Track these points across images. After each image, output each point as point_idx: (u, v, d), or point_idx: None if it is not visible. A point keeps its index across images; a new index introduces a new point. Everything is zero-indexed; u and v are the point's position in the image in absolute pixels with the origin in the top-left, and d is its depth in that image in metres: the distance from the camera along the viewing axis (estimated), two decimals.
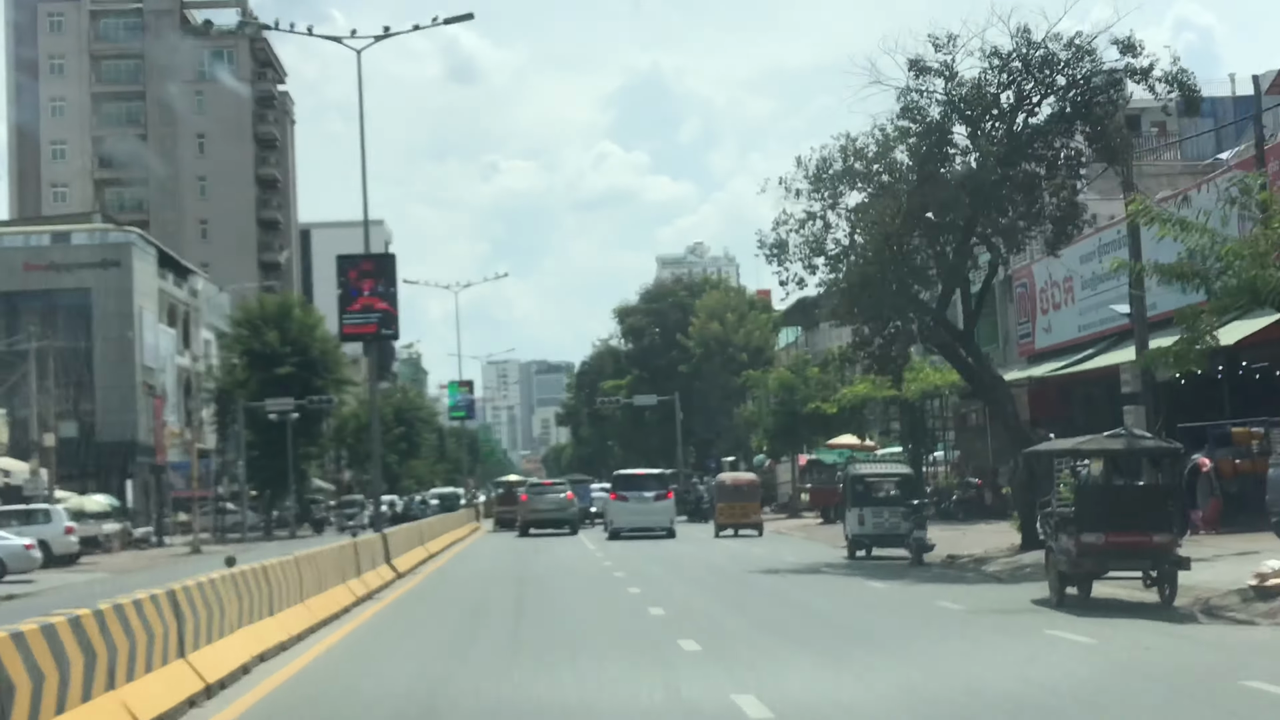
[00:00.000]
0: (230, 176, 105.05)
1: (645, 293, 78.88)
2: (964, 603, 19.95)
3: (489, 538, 50.72)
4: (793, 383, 53.91)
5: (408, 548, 31.45)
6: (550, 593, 23.95)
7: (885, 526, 29.79)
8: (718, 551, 36.20)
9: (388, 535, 28.80)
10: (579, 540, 44.62)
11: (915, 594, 22.11)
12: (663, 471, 46.49)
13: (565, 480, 51.78)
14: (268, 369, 72.60)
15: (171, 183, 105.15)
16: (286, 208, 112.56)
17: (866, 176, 28.59)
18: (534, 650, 15.61)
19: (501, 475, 70.22)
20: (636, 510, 43.50)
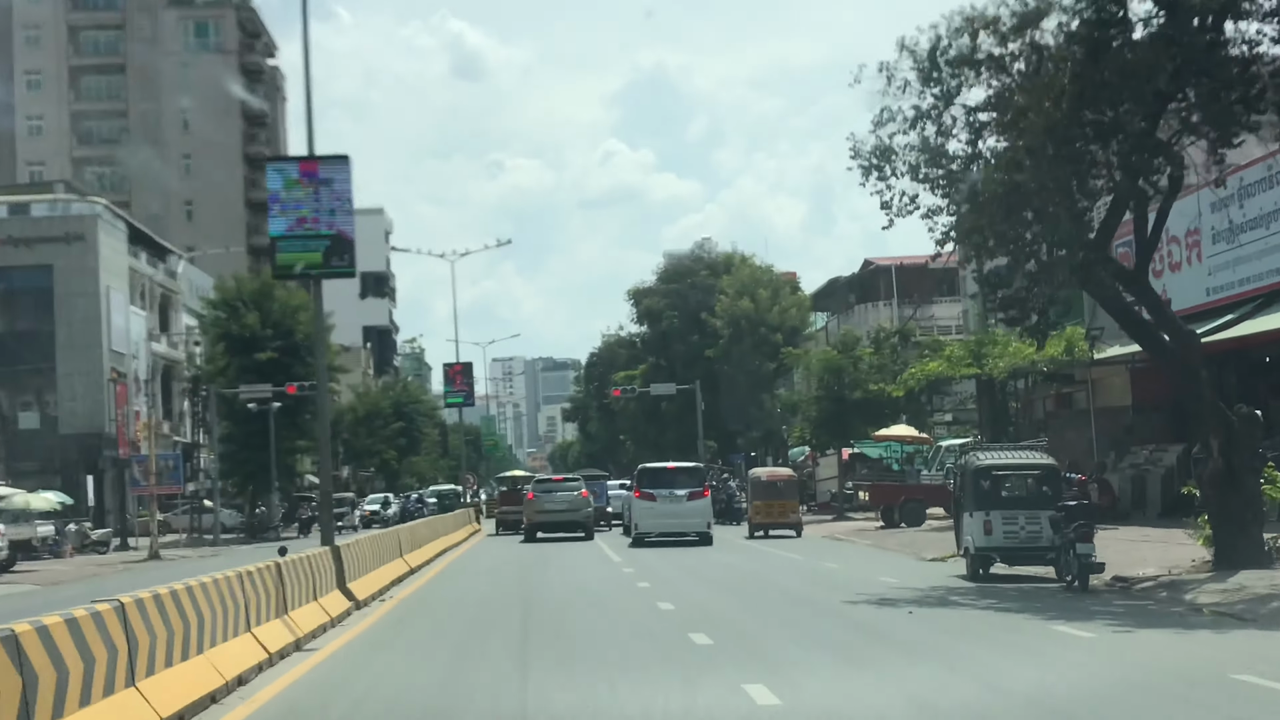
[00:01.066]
0: (217, 155, 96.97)
1: (663, 272, 70.43)
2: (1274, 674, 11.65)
3: (489, 543, 42.43)
4: (840, 364, 45.66)
5: (377, 563, 23.21)
6: (571, 640, 15.65)
7: (1022, 536, 21.51)
8: (777, 565, 27.89)
9: (345, 549, 20.49)
10: (596, 547, 36.42)
11: (1166, 655, 13.72)
12: (697, 465, 38.12)
13: (578, 476, 43.46)
14: (247, 354, 64.40)
15: (154, 161, 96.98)
16: None
17: (998, 64, 20.28)
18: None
19: (506, 472, 62.04)
20: (666, 512, 35.29)
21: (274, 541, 60.21)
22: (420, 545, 30.97)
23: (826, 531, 41.06)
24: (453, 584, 25.07)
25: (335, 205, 23.30)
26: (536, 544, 39.01)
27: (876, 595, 19.81)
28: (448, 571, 28.58)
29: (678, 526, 35.57)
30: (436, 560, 32.34)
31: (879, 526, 39.32)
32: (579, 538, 40.16)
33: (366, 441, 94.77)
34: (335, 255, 24.30)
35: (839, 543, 36.24)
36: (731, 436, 66.22)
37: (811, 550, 32.72)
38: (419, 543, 30.95)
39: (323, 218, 22.43)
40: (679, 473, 36.39)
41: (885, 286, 66.77)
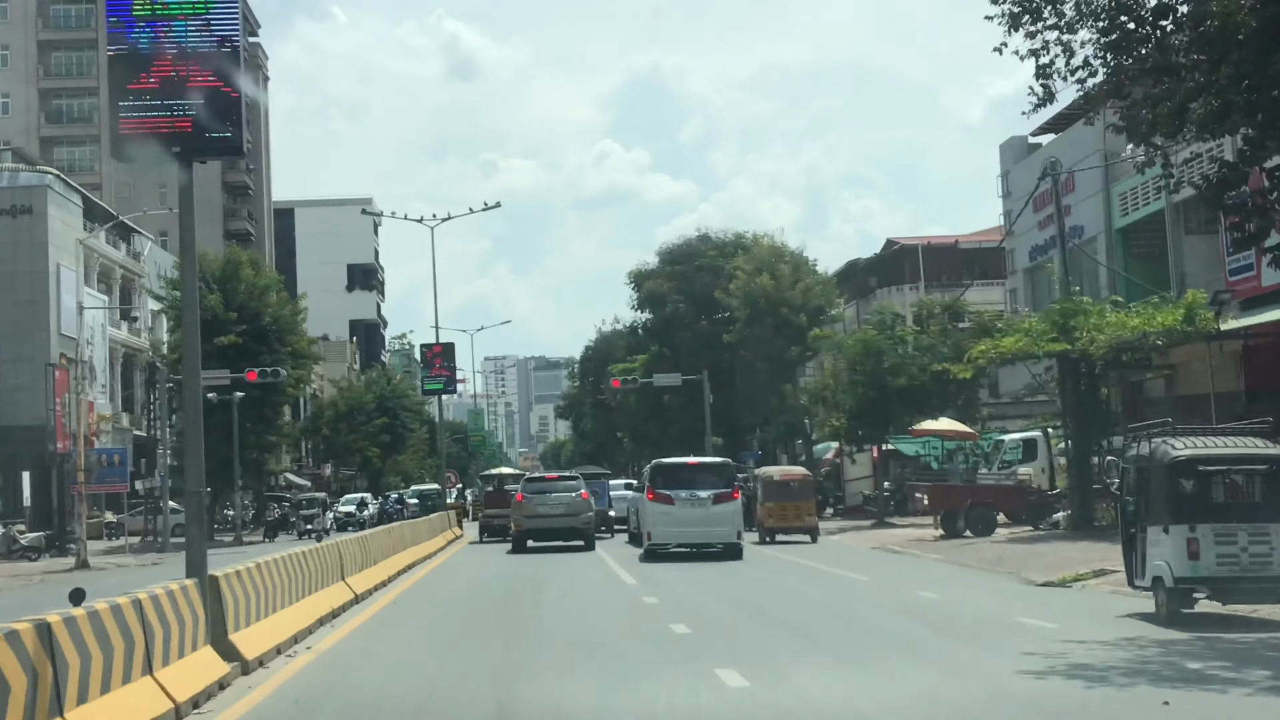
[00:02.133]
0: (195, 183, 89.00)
1: (667, 252, 62.74)
2: None
3: (470, 553, 34.90)
4: (880, 345, 38.23)
5: (295, 594, 15.72)
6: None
7: (1244, 561, 14.13)
8: (853, 593, 20.33)
9: (231, 579, 12.98)
10: (600, 561, 29.00)
11: None
12: (725, 461, 30.40)
13: (577, 474, 35.85)
14: (208, 339, 56.73)
15: (128, 187, 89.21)
16: (258, 172, 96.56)
17: None
18: None
19: (492, 469, 54.03)
20: (688, 518, 27.83)
21: (235, 546, 52.74)
22: (378, 560, 23.47)
23: (872, 541, 33.57)
24: (404, 624, 17.49)
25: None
26: (527, 555, 31.56)
27: (1053, 656, 12.28)
28: (407, 598, 21.02)
29: (701, 536, 28.13)
30: (400, 578, 24.84)
31: (938, 536, 31.85)
32: (578, 547, 32.76)
33: (348, 438, 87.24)
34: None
35: (897, 556, 28.75)
36: (742, 432, 58.70)
37: (874, 567, 25.23)
38: (376, 556, 23.44)
39: None
40: (703, 470, 28.91)
41: (911, 269, 59.32)
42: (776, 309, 46.85)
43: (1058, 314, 29.71)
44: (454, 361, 51.85)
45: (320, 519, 57.63)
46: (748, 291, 47.41)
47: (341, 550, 19.73)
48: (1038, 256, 43.76)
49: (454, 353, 52.74)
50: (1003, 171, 47.05)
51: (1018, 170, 45.95)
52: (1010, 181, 46.41)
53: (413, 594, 22.01)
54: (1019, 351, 29.67)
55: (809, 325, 47.34)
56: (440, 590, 22.89)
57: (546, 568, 26.58)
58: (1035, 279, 45.05)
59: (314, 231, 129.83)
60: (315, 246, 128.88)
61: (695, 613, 17.11)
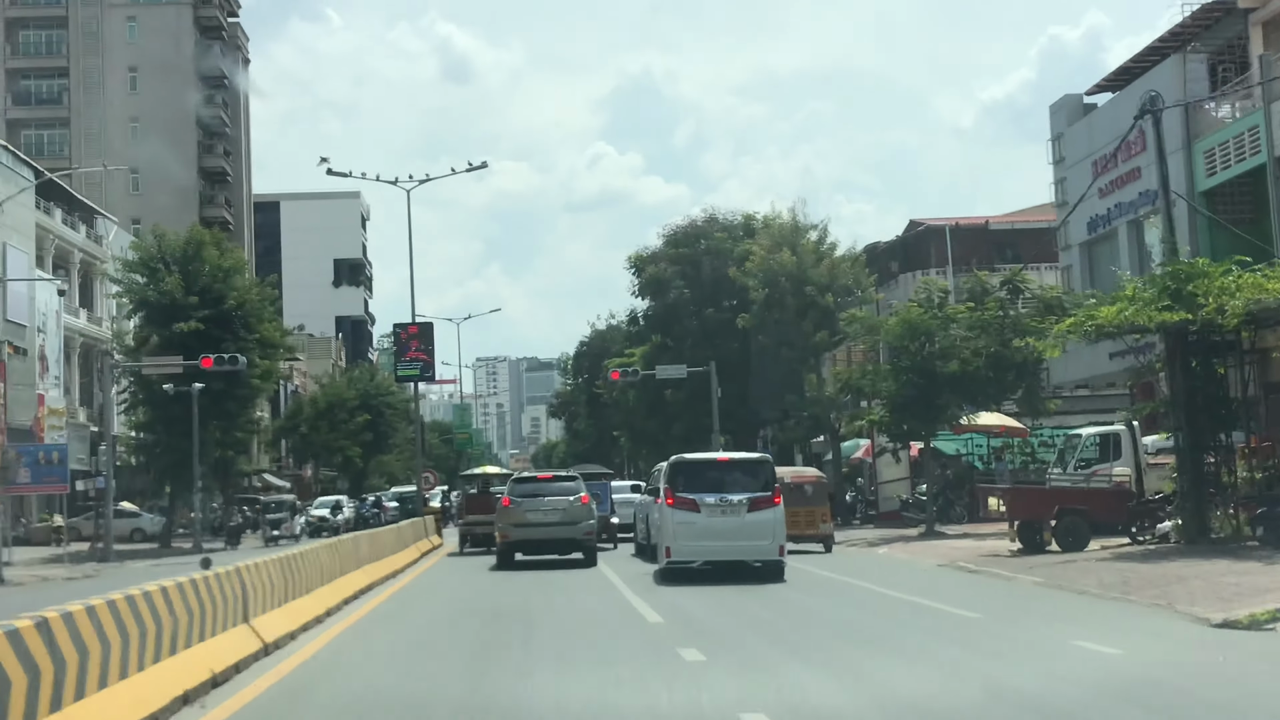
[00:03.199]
0: (167, 118, 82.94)
1: (671, 235, 56.35)
2: None
3: (445, 570, 28.51)
4: (927, 325, 31.95)
5: (136, 659, 9.35)
6: None
7: None
8: (975, 642, 13.93)
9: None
10: (605, 583, 22.77)
11: None
12: (764, 458, 23.76)
13: (575, 474, 29.33)
14: (166, 325, 50.49)
15: (98, 124, 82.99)
16: (237, 157, 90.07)
17: None
18: None
19: (475, 468, 47.20)
20: (717, 528, 21.51)
21: (185, 555, 46.33)
22: (313, 587, 17.16)
23: (929, 554, 27.25)
24: (319, 702, 11.08)
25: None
26: (515, 573, 25.27)
27: None
28: (338, 647, 14.59)
29: (733, 552, 21.84)
30: (345, 609, 18.50)
31: (1016, 550, 25.51)
32: (576, 562, 26.50)
33: (328, 436, 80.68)
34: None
35: (978, 577, 22.43)
36: (754, 429, 52.35)
37: (966, 596, 18.88)
38: (311, 582, 17.12)
39: None
40: (735, 469, 22.55)
41: (937, 251, 53.08)
42: (799, 288, 40.42)
43: (1169, 278, 23.44)
44: (432, 344, 45.14)
45: (289, 523, 51.43)
46: (766, 269, 40.96)
47: (247, 579, 13.37)
48: (1099, 228, 37.54)
49: (432, 334, 46.01)
50: (1053, 135, 40.84)
51: (1073, 133, 39.75)
52: (1063, 146, 40.18)
53: (358, 633, 15.65)
54: (1121, 323, 23.35)
55: (836, 307, 40.91)
56: (400, 626, 16.55)
57: (537, 594, 20.27)
58: (1094, 255, 38.83)
59: (300, 225, 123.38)
60: (301, 241, 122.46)
61: (766, 678, 10.83)
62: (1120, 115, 36.45)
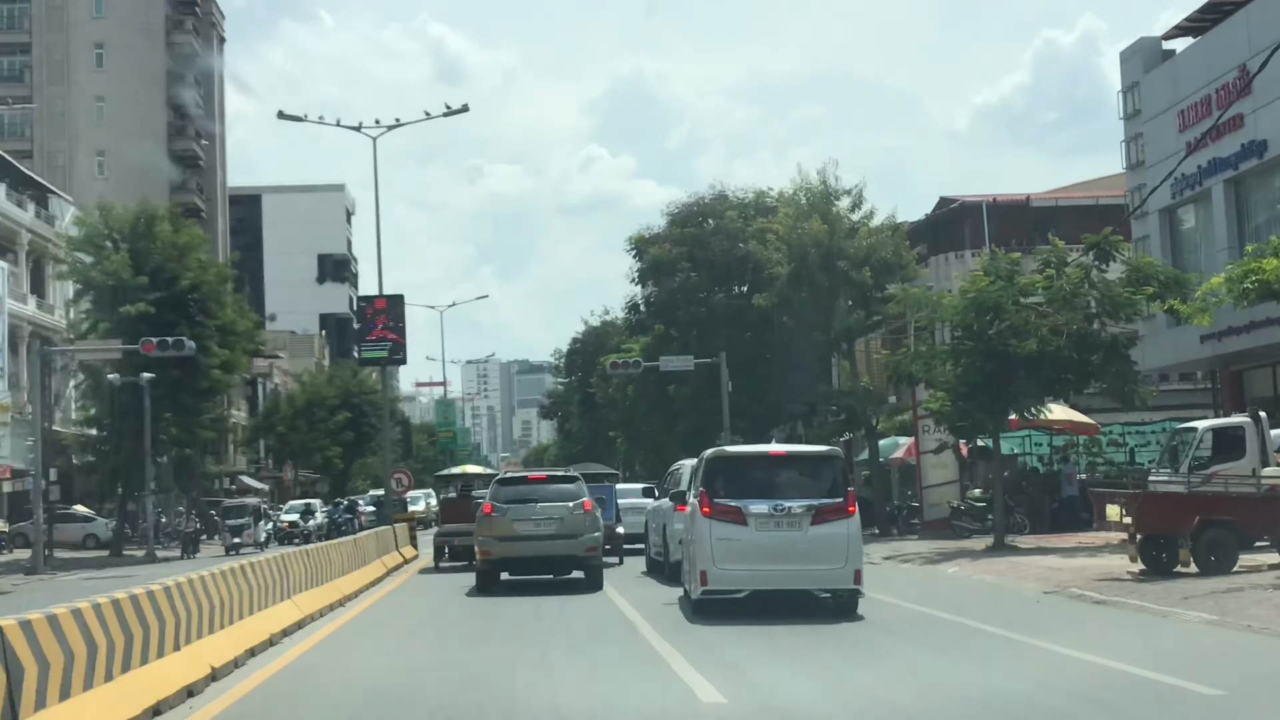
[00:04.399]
0: (136, 98, 76.86)
1: (675, 214, 50.23)
2: None
3: (410, 595, 22.41)
4: (997, 299, 26.01)
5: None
6: None
7: None
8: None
9: None
10: (617, 615, 16.98)
11: None
12: (832, 452, 17.34)
13: (575, 474, 23.07)
14: (112, 308, 44.48)
15: (61, 102, 76.89)
16: (211, 143, 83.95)
17: None
18: None
19: (453, 468, 40.38)
20: (771, 546, 15.57)
21: (136, 565, 40.36)
22: (225, 623, 11.28)
23: (1017, 575, 21.32)
24: None
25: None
26: (496, 601, 19.31)
27: None
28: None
29: (793, 579, 15.88)
30: (250, 665, 12.54)
31: (1138, 572, 19.56)
32: (576, 584, 20.60)
33: (306, 436, 74.57)
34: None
35: (1117, 611, 16.48)
36: (766, 427, 46.37)
37: (1155, 649, 12.91)
38: (212, 620, 11.22)
39: None
40: (794, 465, 16.54)
41: (972, 231, 47.20)
42: (831, 263, 34.45)
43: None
44: (403, 321, 38.52)
45: (253, 529, 45.38)
46: (793, 241, 34.97)
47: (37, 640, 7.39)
48: (1186, 190, 31.63)
49: (403, 309, 39.12)
50: (1126, 86, 35.00)
51: (1150, 82, 33.88)
52: (1139, 97, 34.31)
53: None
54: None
55: (875, 285, 34.91)
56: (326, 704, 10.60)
57: (526, 645, 14.25)
58: (1178, 222, 32.98)
59: (282, 219, 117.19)
60: (283, 235, 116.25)
61: None
62: (1213, 58, 30.67)
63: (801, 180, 36.76)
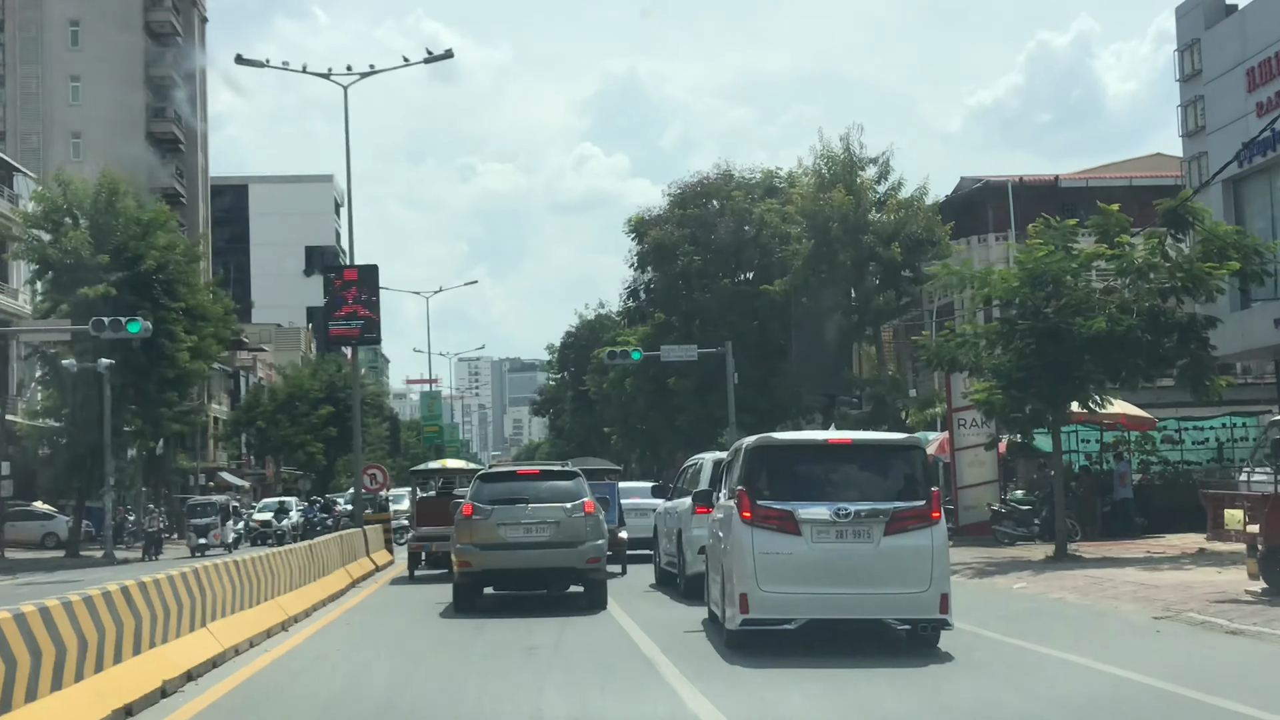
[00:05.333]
0: (112, 76, 72.88)
1: (679, 194, 46.36)
2: None
3: (373, 612, 18.56)
4: (1057, 271, 22.27)
5: None
6: None
7: None
8: None
9: None
10: (628, 649, 13.29)
11: None
12: (909, 440, 13.33)
13: (575, 470, 19.31)
14: (70, 289, 40.68)
15: (34, 81, 72.97)
16: (191, 124, 79.98)
17: None
18: None
19: (430, 462, 35.86)
20: (834, 563, 11.89)
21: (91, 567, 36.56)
22: (96, 667, 7.45)
23: (1109, 595, 17.63)
24: None
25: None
26: (475, 625, 15.54)
27: None
28: None
29: (861, 605, 12.11)
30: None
31: (1259, 591, 15.84)
32: (572, 602, 16.89)
33: (288, 430, 70.66)
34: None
35: (1258, 644, 12.77)
36: (773, 421, 42.62)
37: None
38: (39, 680, 7.39)
39: None
40: (861, 458, 12.66)
41: (996, 214, 43.49)
42: (856, 238, 30.66)
43: None
44: (377, 295, 34.23)
45: (220, 529, 41.58)
46: (814, 214, 31.13)
47: None
48: (1257, 156, 27.92)
49: (377, 281, 34.78)
50: (1183, 44, 31.28)
51: (1213, 38, 30.17)
52: (1199, 55, 30.59)
53: None
54: None
55: (904, 263, 31.09)
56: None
57: (513, 693, 10.47)
58: (1244, 194, 29.29)
59: (269, 210, 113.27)
60: (270, 227, 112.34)
61: None
62: None
63: (823, 147, 32.89)
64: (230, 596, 13.52)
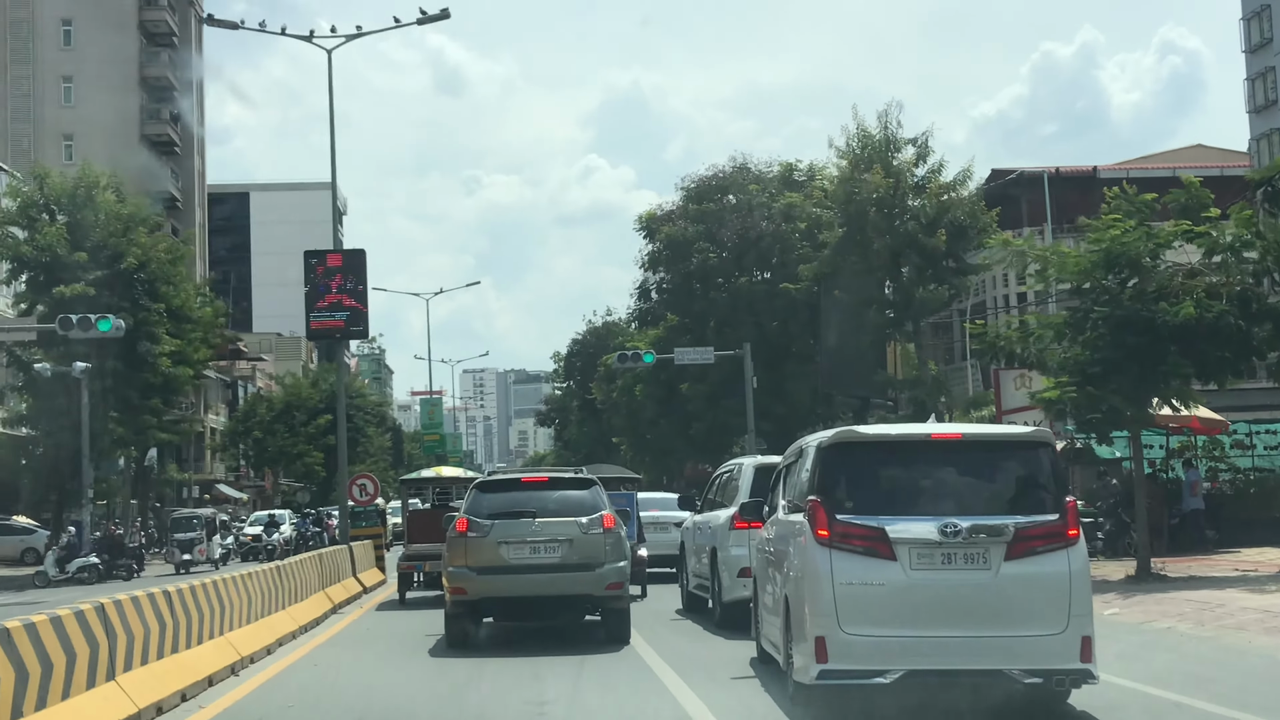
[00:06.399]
0: (106, 77, 70.01)
1: (692, 188, 43.31)
2: None
3: (355, 643, 15.56)
4: (1133, 250, 19.29)
5: None
6: None
7: None
8: None
9: None
10: (661, 693, 10.21)
11: None
12: (1038, 435, 9.97)
13: (591, 477, 16.41)
14: (45, 289, 37.79)
15: (25, 83, 70.09)
16: (188, 127, 77.11)
17: None
18: None
19: (423, 470, 32.07)
20: (937, 594, 8.96)
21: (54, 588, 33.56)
22: None
23: (1209, 621, 14.60)
24: None
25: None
26: (476, 666, 12.48)
27: None
28: None
29: (977, 653, 9.02)
30: None
31: None
32: (591, 634, 13.87)
33: (285, 440, 67.61)
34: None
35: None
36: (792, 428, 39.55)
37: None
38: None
39: None
40: (968, 458, 9.54)
41: (1031, 206, 40.52)
42: (892, 224, 27.64)
43: None
44: (364, 283, 30.79)
45: (207, 544, 38.55)
46: (847, 198, 28.10)
47: None
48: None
49: (364, 270, 31.15)
50: (1248, 13, 28.22)
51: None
52: (1270, 22, 27.57)
53: None
54: None
55: (948, 252, 28.00)
56: None
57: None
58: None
59: (270, 219, 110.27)
60: (272, 235, 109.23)
61: None
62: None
63: (857, 127, 29.76)
64: (157, 637, 10.50)
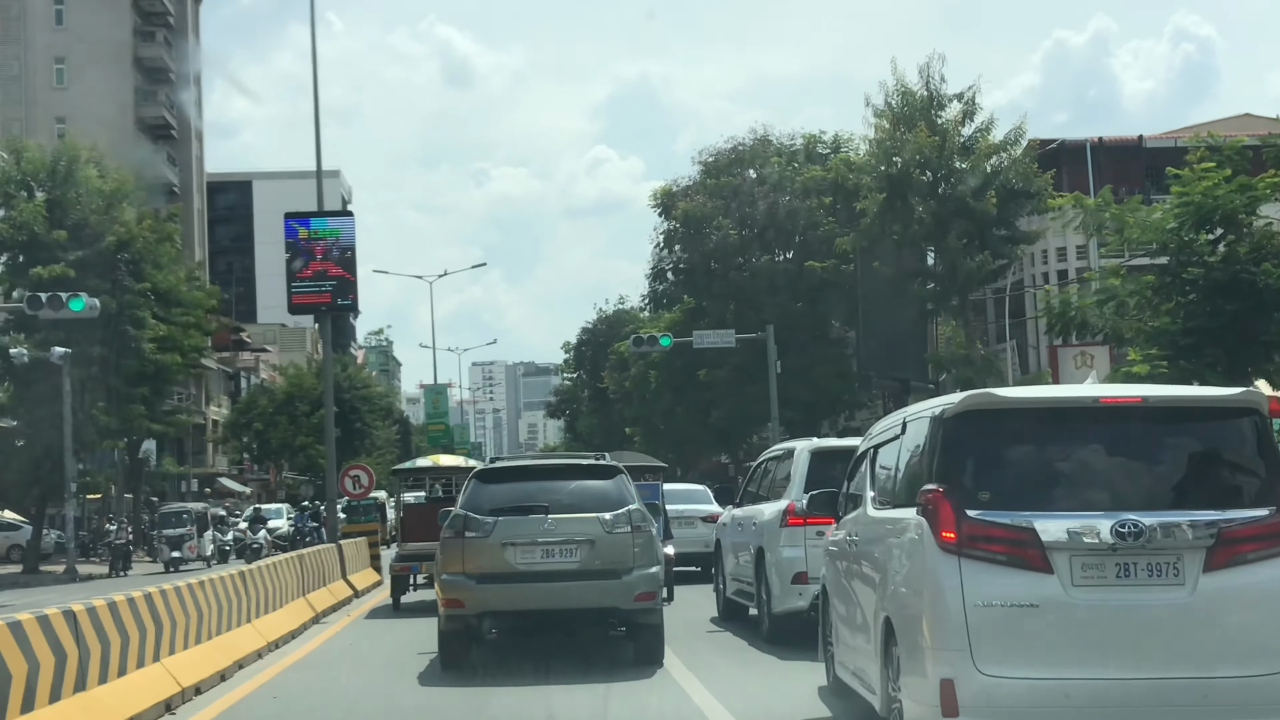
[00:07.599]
0: (99, 58, 67.59)
1: (711, 162, 40.70)
2: None
3: (333, 663, 13.10)
4: (1226, 205, 16.78)
5: None
6: None
7: None
8: None
9: None
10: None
11: None
12: (1247, 399, 7.37)
13: (618, 465, 13.98)
14: (23, 271, 35.41)
15: (16, 64, 67.74)
16: (184, 112, 74.66)
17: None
18: None
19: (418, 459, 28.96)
20: (1113, 620, 6.56)
21: (38, 587, 31.21)
22: None
23: None
24: None
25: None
26: (477, 696, 9.93)
27: None
28: None
29: (1154, 700, 6.43)
30: None
31: None
32: (617, 653, 11.32)
33: (288, 431, 65.12)
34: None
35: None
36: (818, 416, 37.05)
37: None
38: None
39: None
40: (1146, 430, 7.00)
41: (1073, 177, 37.94)
42: (936, 189, 25.10)
43: None
44: (352, 252, 27.84)
45: (197, 541, 36.13)
46: (887, 160, 25.50)
47: None
48: None
49: (353, 236, 28.40)
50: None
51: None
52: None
53: None
54: None
55: (1000, 218, 25.43)
56: None
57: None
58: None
59: (274, 207, 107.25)
60: (276, 224, 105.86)
61: None
62: None
63: (897, 82, 27.10)
64: (75, 667, 7.99)
